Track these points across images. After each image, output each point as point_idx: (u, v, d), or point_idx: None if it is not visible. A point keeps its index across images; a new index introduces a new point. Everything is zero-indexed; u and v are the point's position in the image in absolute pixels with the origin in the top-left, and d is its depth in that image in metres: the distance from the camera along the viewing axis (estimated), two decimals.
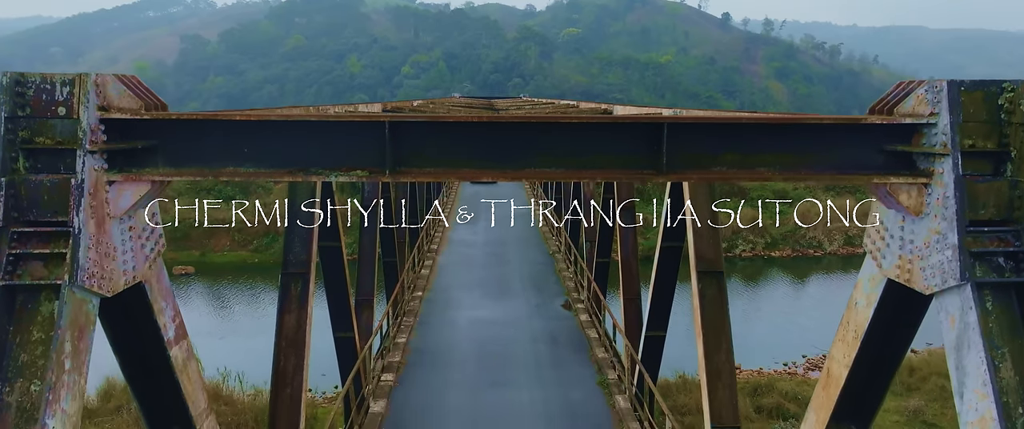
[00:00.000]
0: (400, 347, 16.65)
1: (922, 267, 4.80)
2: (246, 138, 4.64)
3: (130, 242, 4.86)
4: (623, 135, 4.73)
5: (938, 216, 4.66)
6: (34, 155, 4.41)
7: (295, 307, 9.80)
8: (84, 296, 4.40)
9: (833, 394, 6.16)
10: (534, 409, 13.60)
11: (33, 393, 4.10)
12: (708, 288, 10.10)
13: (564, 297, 21.18)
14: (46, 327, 4.22)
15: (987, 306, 4.42)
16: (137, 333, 5.38)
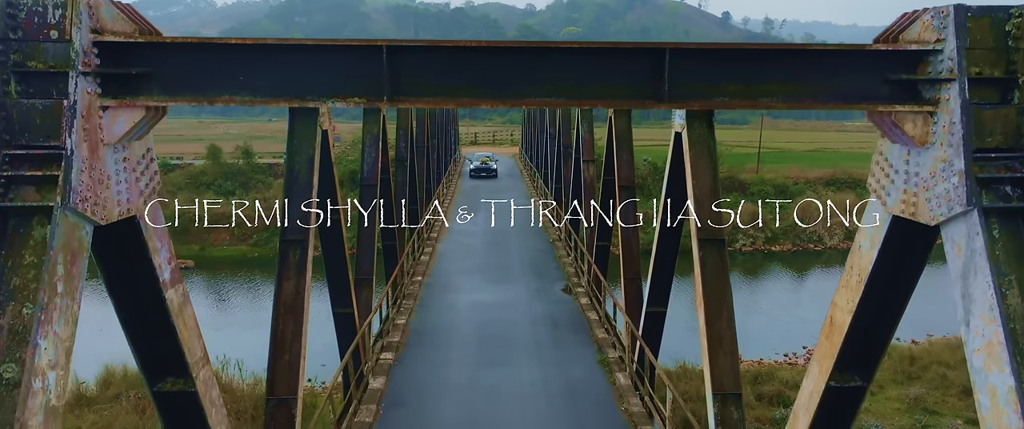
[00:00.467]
0: (400, 328, 16.57)
1: (928, 198, 4.73)
2: (242, 64, 4.57)
3: (124, 173, 4.79)
4: (625, 62, 4.65)
5: (944, 144, 4.59)
6: (26, 78, 4.34)
7: (293, 274, 9.73)
8: (77, 220, 4.33)
9: (836, 342, 6.09)
10: (534, 387, 13.52)
11: (25, 316, 4.03)
12: (709, 256, 10.02)
13: (564, 282, 21.09)
14: (38, 251, 4.15)
15: (994, 233, 4.35)
16: (132, 271, 5.31)
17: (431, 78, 4.58)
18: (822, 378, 6.34)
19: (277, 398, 9.22)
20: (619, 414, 12.39)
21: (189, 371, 6.00)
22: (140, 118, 4.60)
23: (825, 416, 6.47)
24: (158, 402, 6.18)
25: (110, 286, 5.41)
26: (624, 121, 16.60)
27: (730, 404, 9.39)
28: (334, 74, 4.58)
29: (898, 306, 5.84)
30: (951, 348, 27.25)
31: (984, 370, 4.28)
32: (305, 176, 10.01)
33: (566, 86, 4.61)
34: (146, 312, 5.57)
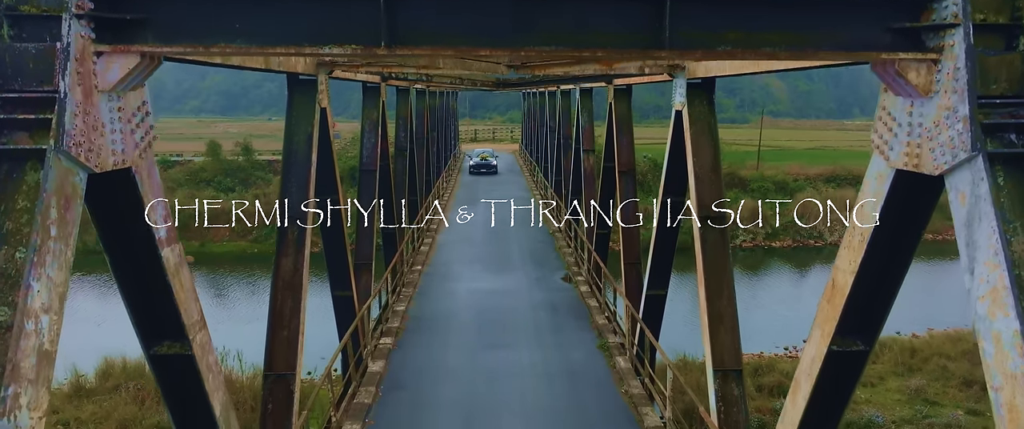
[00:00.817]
0: (399, 314, 16.52)
1: (932, 148, 4.68)
2: (238, 11, 4.52)
3: (119, 123, 4.74)
4: (625, 8, 4.60)
5: (948, 92, 4.53)
6: (18, 22, 4.29)
7: (292, 251, 9.68)
8: (70, 165, 4.28)
9: (838, 305, 6.04)
10: (534, 369, 13.46)
11: (17, 260, 3.98)
12: (709, 233, 9.98)
13: (564, 271, 21.04)
14: (31, 196, 4.09)
15: (999, 181, 4.30)
16: (127, 227, 5.26)
17: (429, 25, 4.53)
18: (824, 342, 6.28)
19: (276, 374, 9.17)
20: (619, 396, 12.33)
21: (186, 334, 5.94)
22: (135, 65, 4.54)
23: (827, 381, 6.42)
24: (154, 366, 6.12)
25: (106, 242, 5.35)
26: (624, 106, 16.57)
27: (731, 380, 9.36)
28: (331, 20, 4.53)
29: (901, 265, 5.79)
30: (952, 340, 27.21)
31: (988, 317, 4.23)
32: (303, 153, 9.96)
33: (565, 33, 4.55)
34: (142, 271, 5.52)
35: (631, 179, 16.04)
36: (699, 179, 10.18)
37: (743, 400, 9.34)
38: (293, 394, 9.12)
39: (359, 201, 15.56)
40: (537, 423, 11.22)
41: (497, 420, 11.32)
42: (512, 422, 11.25)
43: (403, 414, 11.50)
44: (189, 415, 6.45)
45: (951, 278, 45.92)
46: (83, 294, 39.68)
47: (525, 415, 11.51)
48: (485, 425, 11.15)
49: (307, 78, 10.32)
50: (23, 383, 3.84)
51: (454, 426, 11.12)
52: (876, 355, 26.86)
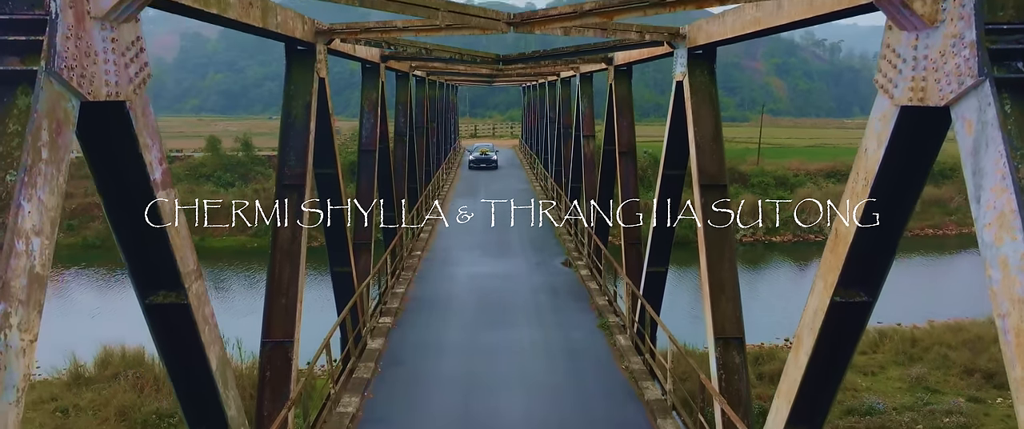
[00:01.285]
0: (398, 296, 16.44)
1: (937, 78, 4.61)
2: None
3: (112, 54, 4.67)
4: None
5: (954, 19, 4.47)
6: None
7: (290, 219, 9.61)
8: (62, 89, 4.21)
9: (841, 254, 5.97)
10: (534, 347, 13.39)
11: (8, 182, 3.91)
12: (711, 201, 9.91)
13: (564, 256, 20.97)
14: (21, 119, 4.03)
15: (1006, 108, 4.23)
16: (121, 167, 5.19)
17: None
18: (826, 293, 6.21)
19: (273, 341, 9.10)
20: (620, 372, 12.26)
21: (181, 283, 5.88)
22: None
23: (830, 334, 6.34)
24: (149, 315, 6.06)
25: (100, 182, 5.29)
26: (624, 87, 16.50)
27: (732, 348, 9.28)
28: None
29: (905, 210, 5.72)
30: (952, 330, 27.13)
31: (995, 243, 4.16)
32: (302, 121, 9.89)
33: None
34: (137, 215, 5.46)
35: (631, 160, 15.97)
36: (700, 148, 10.12)
37: (744, 368, 9.27)
38: (291, 361, 9.05)
39: (358, 181, 15.48)
40: (537, 397, 11.14)
41: (496, 394, 11.24)
42: (512, 396, 11.18)
43: (402, 388, 11.43)
44: (184, 368, 6.39)
45: (952, 273, 45.98)
46: (76, 287, 39.67)
47: (525, 390, 11.44)
48: (485, 398, 11.08)
49: (305, 47, 10.25)
50: (13, 303, 3.77)
51: (454, 399, 11.05)
52: (876, 345, 26.77)
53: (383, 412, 10.58)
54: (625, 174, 15.82)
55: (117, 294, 36.90)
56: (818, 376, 6.68)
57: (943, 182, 59.51)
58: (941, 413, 20.16)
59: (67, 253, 47.39)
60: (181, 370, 6.42)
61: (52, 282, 40.82)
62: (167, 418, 18.55)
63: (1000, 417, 20.16)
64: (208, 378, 6.46)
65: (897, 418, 19.81)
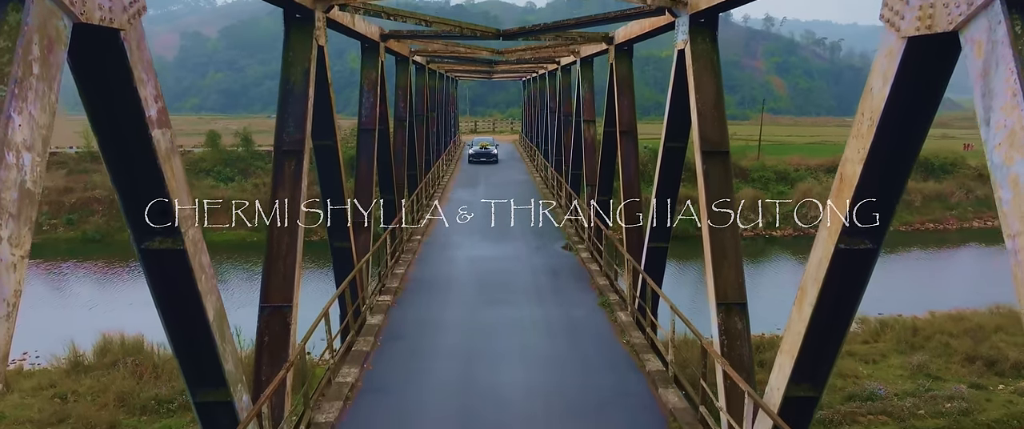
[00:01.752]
0: (398, 276, 16.36)
1: (945, 2, 4.54)
2: None
3: None
4: None
5: None
6: None
7: (288, 185, 9.54)
8: (53, 5, 4.13)
9: (846, 199, 5.90)
10: (535, 323, 13.30)
11: None
12: (713, 168, 9.84)
13: (564, 241, 20.90)
14: (12, 35, 3.94)
15: (1016, 28, 4.15)
16: (115, 99, 5.11)
17: None
18: (831, 242, 6.14)
19: (272, 305, 9.02)
20: (621, 346, 12.18)
21: (177, 227, 5.80)
22: None
23: (835, 283, 6.28)
24: (145, 261, 5.98)
25: (93, 116, 5.21)
26: (624, 66, 16.42)
27: (734, 313, 9.20)
28: None
29: (912, 150, 5.64)
30: (954, 320, 27.06)
31: (1006, 164, 4.08)
32: (300, 87, 9.81)
33: None
34: (131, 153, 5.38)
35: (632, 140, 15.88)
36: (702, 115, 10.04)
37: (747, 334, 9.19)
38: (289, 326, 8.97)
39: (357, 161, 15.39)
40: (538, 369, 11.06)
41: (497, 366, 11.16)
42: (513, 368, 11.10)
43: (402, 360, 11.35)
44: (180, 318, 6.32)
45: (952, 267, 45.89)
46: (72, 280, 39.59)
47: (526, 362, 11.35)
48: (485, 370, 11.00)
49: (304, 14, 10.17)
50: (4, 216, 3.70)
51: (454, 370, 10.97)
52: (877, 334, 26.71)
53: (382, 382, 10.50)
54: (626, 154, 15.74)
55: (117, 288, 36.87)
56: (822, 329, 6.61)
57: (944, 177, 59.46)
58: (943, 399, 20.08)
59: (66, 247, 47.36)
60: (177, 320, 6.34)
61: (51, 275, 40.83)
62: (166, 404, 18.48)
63: (1002, 403, 20.08)
64: (205, 329, 6.38)
65: (899, 403, 19.72)
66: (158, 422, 17.81)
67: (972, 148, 69.55)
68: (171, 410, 18.25)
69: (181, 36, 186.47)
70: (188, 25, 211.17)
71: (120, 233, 50.21)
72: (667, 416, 9.50)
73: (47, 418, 16.73)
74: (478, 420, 9.30)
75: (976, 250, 49.48)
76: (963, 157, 61.80)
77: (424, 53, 23.27)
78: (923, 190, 57.12)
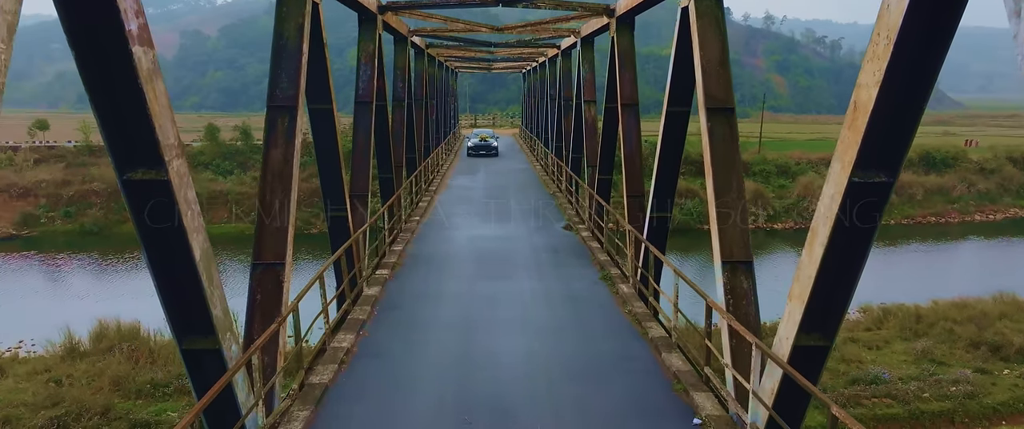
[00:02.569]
0: (396, 253, 16.08)
1: None
2: None
3: None
4: None
5: None
6: None
7: (281, 141, 9.28)
8: None
9: (860, 128, 5.63)
10: (535, 296, 13.04)
11: None
12: (718, 126, 9.58)
13: (565, 222, 20.64)
14: None
15: None
16: (92, 9, 4.84)
17: None
18: (844, 175, 5.88)
19: (264, 263, 8.76)
20: (623, 316, 11.91)
21: (161, 157, 5.54)
22: None
23: (848, 220, 6.01)
24: (127, 193, 5.72)
25: (70, 31, 4.94)
26: (626, 40, 16.15)
27: (740, 272, 8.94)
28: None
29: (931, 70, 5.37)
30: (957, 307, 26.87)
31: None
32: (294, 42, 9.55)
33: None
34: (111, 72, 5.11)
35: (634, 113, 15.61)
36: (707, 73, 9.78)
37: (753, 293, 8.92)
38: (282, 284, 8.71)
39: (354, 134, 15.13)
40: (539, 337, 10.80)
41: (496, 335, 10.90)
42: (513, 336, 10.83)
43: (399, 329, 11.09)
44: (166, 257, 6.05)
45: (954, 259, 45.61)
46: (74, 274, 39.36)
47: (526, 331, 11.09)
48: (484, 338, 10.74)
49: None
50: None
51: (452, 338, 10.71)
52: (881, 321, 26.52)
53: (378, 348, 10.24)
54: (627, 127, 15.47)
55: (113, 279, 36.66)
56: (834, 271, 6.35)
57: (946, 171, 59.25)
58: (948, 383, 19.84)
59: (65, 239, 47.15)
60: (162, 259, 6.07)
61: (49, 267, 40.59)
62: (162, 387, 18.25)
63: (1008, 386, 19.85)
64: (191, 270, 6.12)
65: (903, 387, 19.49)
66: (153, 405, 17.58)
67: (977, 144, 69.32)
68: (167, 394, 18.01)
69: (181, 35, 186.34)
70: (188, 24, 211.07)
71: (119, 226, 50.00)
72: (671, 379, 9.24)
73: (41, 401, 16.50)
74: (477, 383, 9.04)
75: (978, 243, 49.26)
76: (965, 152, 61.58)
77: (422, 33, 23.02)
78: (925, 184, 56.94)
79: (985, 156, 61.68)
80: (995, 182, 59.19)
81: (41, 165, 55.09)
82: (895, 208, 55.29)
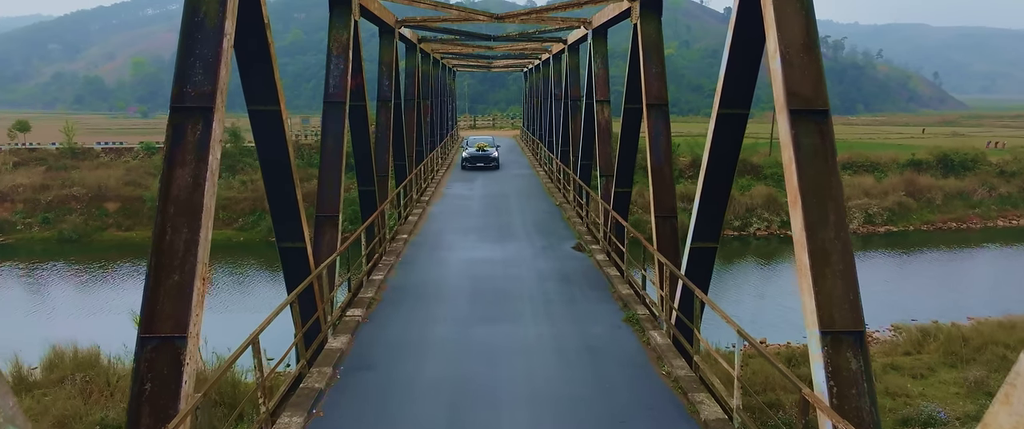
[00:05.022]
0: (375, 284, 13.31)
1: None
2: None
3: None
4: None
5: None
6: None
7: (192, 158, 6.52)
8: None
9: None
10: (543, 345, 10.29)
11: None
12: (806, 135, 6.81)
13: (575, 240, 17.86)
14: None
15: None
16: None
17: None
18: None
19: (157, 336, 5.99)
20: (660, 380, 9.13)
21: None
22: None
23: None
24: None
25: None
26: (652, 27, 13.38)
27: (846, 347, 6.18)
28: None
29: None
30: (1004, 328, 24.26)
31: None
32: (213, 20, 7.01)
33: None
34: None
35: (662, 115, 12.84)
36: (788, 62, 7.02)
37: (865, 376, 6.17)
38: (183, 366, 5.95)
39: (322, 139, 12.38)
40: (550, 413, 8.05)
41: (495, 409, 8.14)
42: (515, 413, 8.08)
43: (368, 402, 8.31)
44: None
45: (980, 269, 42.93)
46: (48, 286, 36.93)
47: (533, 403, 8.33)
48: (479, 417, 7.98)
49: None
50: None
51: (436, 418, 7.94)
52: (920, 344, 23.93)
53: None
54: (655, 132, 12.69)
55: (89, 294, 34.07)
56: None
57: (965, 174, 56.70)
58: None
59: (41, 247, 44.64)
60: None
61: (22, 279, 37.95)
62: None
63: None
64: None
65: None
66: None
67: (1003, 145, 66.60)
68: None
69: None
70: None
71: (98, 233, 47.47)
72: None
73: None
74: None
75: (1004, 251, 46.58)
76: (984, 154, 58.97)
77: (411, 23, 20.24)
78: (944, 187, 54.46)
79: (1004, 158, 59.30)
80: (1017, 185, 56.72)
81: (20, 168, 52.68)
82: (913, 213, 52.91)
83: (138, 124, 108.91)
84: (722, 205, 9.82)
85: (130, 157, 54.24)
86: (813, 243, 6.47)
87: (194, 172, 6.42)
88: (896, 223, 51.94)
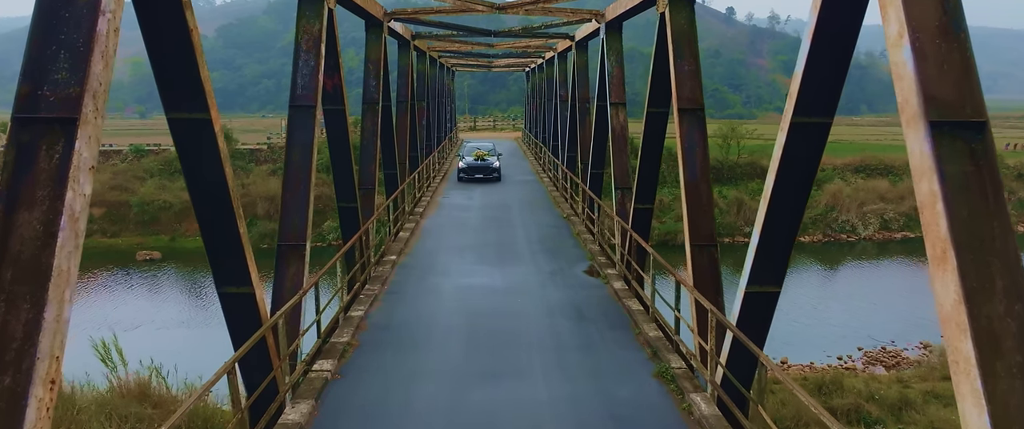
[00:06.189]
0: (353, 323, 11.10)
1: None
2: None
3: None
4: None
5: None
6: None
7: (43, 196, 4.36)
8: None
9: None
10: (557, 413, 8.09)
11: None
12: (954, 161, 4.63)
13: (587, 262, 15.65)
14: None
15: None
16: None
17: None
18: None
19: None
20: None
21: None
22: None
23: None
24: None
25: None
26: (684, 16, 11.16)
27: None
28: None
29: None
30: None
31: None
32: None
33: None
34: None
35: (697, 121, 10.64)
36: (920, 52, 4.83)
37: None
38: None
39: (287, 153, 10.19)
40: None
41: None
42: None
43: None
44: None
45: None
46: None
47: None
48: None
49: None
50: None
51: None
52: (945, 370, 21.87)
53: None
54: (688, 142, 10.49)
55: None
56: None
57: None
58: None
59: None
60: None
61: None
62: None
63: None
64: None
65: None
66: None
67: (1021, 147, 64.46)
68: None
69: None
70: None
71: None
72: None
73: None
74: None
75: None
76: (1001, 156, 56.94)
77: (402, 15, 18.07)
78: None
79: (1022, 160, 57.13)
80: None
81: None
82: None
83: (136, 125, 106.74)
84: (790, 238, 7.62)
85: (118, 160, 52.04)
86: (976, 323, 4.28)
87: (45, 217, 4.25)
88: (913, 229, 49.69)
